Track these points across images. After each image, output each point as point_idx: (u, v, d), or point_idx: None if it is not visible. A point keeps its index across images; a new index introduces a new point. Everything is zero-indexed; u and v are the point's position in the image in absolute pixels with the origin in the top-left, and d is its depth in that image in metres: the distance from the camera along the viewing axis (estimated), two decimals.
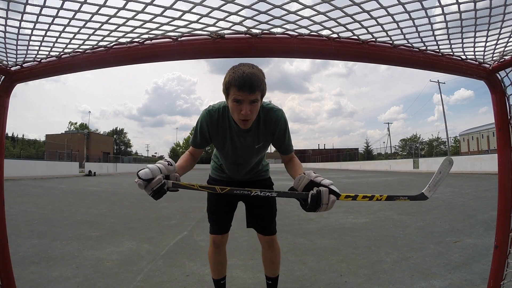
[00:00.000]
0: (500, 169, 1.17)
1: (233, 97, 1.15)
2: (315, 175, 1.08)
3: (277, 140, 1.38)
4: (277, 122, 1.34)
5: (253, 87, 1.12)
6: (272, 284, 1.66)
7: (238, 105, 1.16)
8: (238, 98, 1.14)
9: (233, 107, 1.18)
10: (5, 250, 1.13)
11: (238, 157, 1.42)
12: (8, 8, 0.73)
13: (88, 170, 21.21)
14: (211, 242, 1.59)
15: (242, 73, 1.12)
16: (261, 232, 1.58)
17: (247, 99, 1.14)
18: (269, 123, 1.33)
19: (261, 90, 1.18)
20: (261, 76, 1.17)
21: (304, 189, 1.06)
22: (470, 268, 2.20)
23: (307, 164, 55.64)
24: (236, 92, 1.13)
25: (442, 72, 1.12)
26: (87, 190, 9.15)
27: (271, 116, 1.33)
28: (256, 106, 1.19)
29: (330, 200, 1.02)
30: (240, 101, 1.15)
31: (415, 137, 46.34)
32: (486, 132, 35.12)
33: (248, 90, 1.12)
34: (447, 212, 4.50)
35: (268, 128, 1.34)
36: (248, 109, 1.15)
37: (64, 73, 1.04)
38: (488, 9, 0.79)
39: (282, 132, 1.36)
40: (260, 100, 1.21)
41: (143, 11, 0.75)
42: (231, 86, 1.14)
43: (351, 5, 0.74)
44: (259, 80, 1.14)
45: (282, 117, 1.35)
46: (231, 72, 1.16)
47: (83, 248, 2.88)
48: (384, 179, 13.37)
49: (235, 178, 1.57)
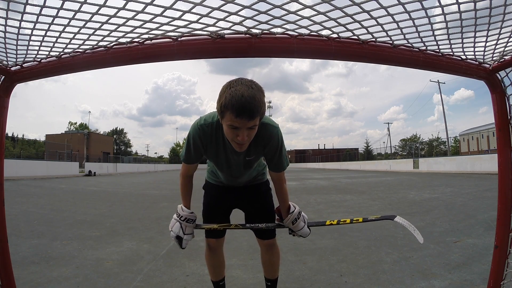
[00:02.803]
0: (500, 169, 1.17)
1: (229, 122, 1.04)
2: (293, 226, 1.41)
3: (266, 155, 1.31)
4: (270, 139, 1.25)
5: (252, 114, 1.01)
6: (272, 286, 1.65)
7: (234, 131, 1.06)
8: (235, 125, 1.04)
9: (228, 132, 1.09)
10: (5, 250, 1.13)
11: (233, 171, 1.40)
12: (8, 8, 0.73)
13: (88, 170, 21.21)
14: (207, 245, 1.58)
15: (240, 97, 0.98)
16: (261, 236, 1.56)
17: (245, 126, 1.03)
18: (261, 138, 1.24)
19: (261, 114, 1.06)
20: (261, 97, 1.04)
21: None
22: (470, 268, 2.20)
23: (307, 164, 55.64)
24: (233, 118, 1.01)
25: (442, 72, 1.13)
26: (87, 190, 9.14)
27: (264, 132, 1.23)
28: (254, 130, 1.10)
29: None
30: (236, 128, 1.05)
31: (415, 137, 46.39)
32: (486, 132, 35.10)
33: (247, 118, 1.01)
34: (447, 212, 4.49)
35: (260, 143, 1.26)
36: (245, 135, 1.06)
37: (64, 73, 1.05)
38: (488, 9, 0.79)
39: (273, 149, 1.28)
40: (258, 123, 1.10)
41: (143, 11, 0.75)
42: (227, 111, 1.01)
43: (351, 5, 0.74)
44: (259, 104, 1.02)
45: (276, 135, 1.26)
46: (228, 93, 1.01)
47: (83, 248, 2.87)
48: (384, 179, 13.36)
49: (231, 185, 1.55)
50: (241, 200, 1.56)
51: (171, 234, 1.39)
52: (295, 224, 1.40)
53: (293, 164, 65.68)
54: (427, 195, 6.63)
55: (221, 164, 1.37)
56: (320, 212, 4.88)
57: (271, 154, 1.30)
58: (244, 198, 1.55)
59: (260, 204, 1.55)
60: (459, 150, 41.28)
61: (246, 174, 1.45)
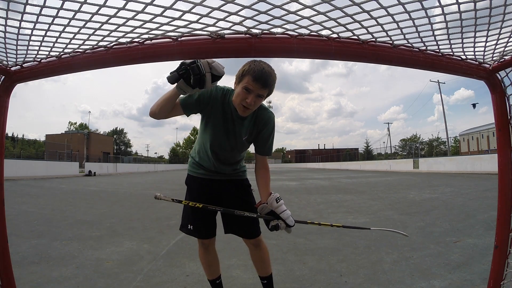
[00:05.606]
0: (500, 169, 1.17)
1: (245, 84, 1.25)
2: (276, 205, 1.34)
3: (260, 138, 1.47)
4: (267, 122, 1.45)
5: (266, 84, 1.25)
6: (268, 283, 1.65)
7: (246, 93, 1.26)
8: (249, 87, 1.25)
9: (240, 93, 1.28)
10: (5, 250, 1.13)
11: (225, 142, 1.43)
12: (8, 8, 0.73)
13: (88, 170, 21.20)
14: (200, 244, 1.60)
15: (261, 68, 1.24)
16: (245, 236, 1.55)
17: (256, 91, 1.25)
18: (260, 120, 1.44)
19: (270, 90, 1.30)
20: (275, 78, 1.29)
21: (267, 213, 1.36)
22: (470, 268, 2.20)
23: (307, 164, 55.63)
24: (250, 81, 1.24)
25: (442, 72, 1.12)
26: (87, 190, 9.14)
27: (264, 115, 1.44)
28: (260, 100, 1.31)
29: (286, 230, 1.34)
30: (249, 90, 1.25)
31: (415, 137, 46.36)
32: (486, 132, 35.08)
33: (261, 84, 1.24)
34: (447, 212, 4.49)
35: (257, 124, 1.44)
36: (253, 99, 1.26)
37: (64, 73, 1.04)
38: (488, 9, 0.79)
39: (268, 133, 1.46)
40: (265, 97, 1.31)
41: (143, 11, 0.75)
42: (248, 75, 1.24)
43: (351, 5, 0.74)
44: (272, 81, 1.28)
45: (272, 120, 1.47)
46: (252, 63, 1.26)
47: (83, 248, 2.88)
48: (384, 179, 13.37)
49: (212, 173, 1.54)
50: (224, 193, 1.55)
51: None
52: (279, 203, 1.34)
53: (293, 164, 65.67)
54: (427, 195, 6.63)
55: (218, 129, 1.42)
56: (320, 212, 4.88)
57: (266, 137, 1.47)
58: (227, 191, 1.55)
59: (242, 200, 1.55)
60: (459, 150, 41.28)
61: (232, 158, 1.52)
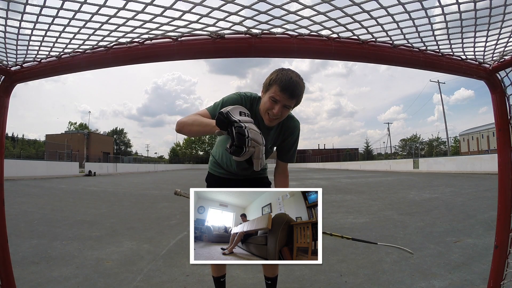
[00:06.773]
0: (500, 169, 1.17)
1: (272, 94, 1.21)
2: None
3: (285, 146, 1.45)
4: (293, 131, 1.42)
5: (293, 94, 1.19)
6: (272, 284, 1.66)
7: (273, 103, 1.22)
8: (276, 97, 1.20)
9: (267, 103, 1.24)
10: (5, 250, 1.13)
11: None
12: (8, 8, 0.73)
13: (88, 170, 21.19)
14: None
15: (290, 78, 1.18)
16: None
17: (283, 101, 1.20)
18: (286, 129, 1.41)
19: (298, 100, 1.24)
20: (303, 89, 1.23)
21: None
22: (470, 268, 2.21)
23: (307, 164, 55.61)
24: (278, 91, 1.19)
25: (442, 72, 1.13)
26: (87, 190, 9.14)
27: (290, 124, 1.41)
28: (287, 111, 1.26)
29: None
30: (276, 101, 1.21)
31: (415, 137, 46.31)
32: (486, 132, 35.07)
33: (288, 94, 1.18)
34: (447, 212, 4.50)
35: (283, 133, 1.41)
36: (279, 110, 1.21)
37: (64, 73, 1.04)
38: (488, 9, 0.79)
39: (293, 140, 1.44)
40: (292, 107, 1.28)
41: (143, 11, 0.75)
42: (275, 84, 1.19)
43: (351, 5, 0.74)
44: (300, 91, 1.22)
45: (298, 129, 1.44)
46: (280, 72, 1.21)
47: (83, 248, 2.88)
48: (384, 179, 13.36)
49: (232, 174, 1.54)
50: None
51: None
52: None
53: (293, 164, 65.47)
54: (427, 195, 6.63)
55: None
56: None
57: (290, 145, 1.44)
58: None
59: None
60: (459, 150, 41.25)
61: None
